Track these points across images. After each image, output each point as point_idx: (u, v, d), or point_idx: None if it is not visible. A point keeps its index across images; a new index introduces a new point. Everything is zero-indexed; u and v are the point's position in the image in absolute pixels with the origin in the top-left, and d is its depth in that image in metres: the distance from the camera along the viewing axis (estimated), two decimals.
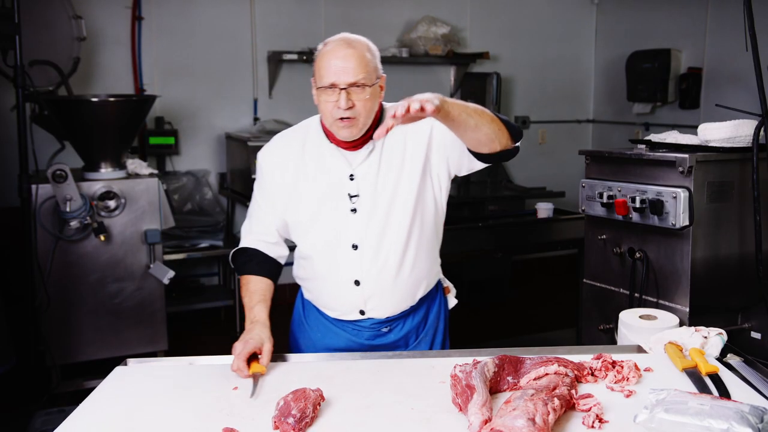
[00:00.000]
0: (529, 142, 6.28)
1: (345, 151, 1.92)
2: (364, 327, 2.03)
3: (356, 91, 1.78)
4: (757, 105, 2.42)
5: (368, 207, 1.91)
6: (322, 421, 1.50)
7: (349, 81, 1.77)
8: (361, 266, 1.94)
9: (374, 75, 1.82)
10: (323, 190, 1.93)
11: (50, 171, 3.46)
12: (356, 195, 1.91)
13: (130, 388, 1.70)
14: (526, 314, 5.20)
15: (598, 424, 1.44)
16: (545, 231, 4.25)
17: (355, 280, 1.95)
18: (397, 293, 1.98)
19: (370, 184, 1.91)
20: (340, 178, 1.92)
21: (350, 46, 1.80)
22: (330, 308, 2.05)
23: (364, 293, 1.96)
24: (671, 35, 5.50)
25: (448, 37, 5.60)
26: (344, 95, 1.77)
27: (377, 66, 1.85)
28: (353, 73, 1.77)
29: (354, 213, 1.92)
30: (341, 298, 2.00)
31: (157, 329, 3.88)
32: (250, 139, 4.66)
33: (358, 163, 1.92)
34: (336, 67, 1.77)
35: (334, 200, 1.92)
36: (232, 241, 4.96)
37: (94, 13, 4.65)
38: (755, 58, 2.43)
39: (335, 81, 1.77)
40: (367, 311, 1.99)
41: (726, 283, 2.46)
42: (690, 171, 2.31)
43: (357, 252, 1.93)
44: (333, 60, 1.78)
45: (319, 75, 1.81)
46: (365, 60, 1.80)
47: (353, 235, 1.92)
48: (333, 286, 1.99)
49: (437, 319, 2.13)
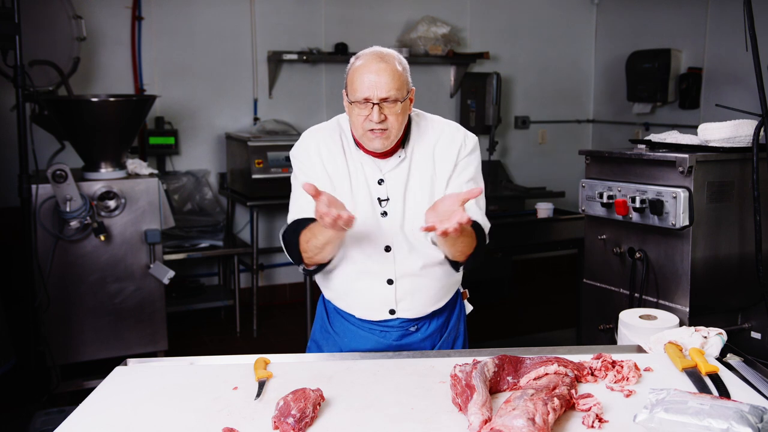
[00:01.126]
0: (529, 142, 6.29)
1: (375, 158, 1.96)
2: (392, 327, 2.04)
3: (388, 106, 1.82)
4: (757, 105, 2.42)
5: (398, 210, 1.95)
6: (322, 421, 1.50)
7: (381, 96, 1.81)
8: (394, 266, 1.97)
9: (405, 89, 1.86)
10: (356, 192, 1.96)
11: (50, 171, 3.47)
12: (386, 199, 1.95)
13: (130, 388, 1.69)
14: (526, 314, 5.20)
15: (598, 423, 1.44)
16: (545, 231, 4.24)
17: (388, 279, 1.98)
18: (429, 292, 2.01)
19: (400, 190, 1.95)
20: (371, 182, 1.96)
21: (383, 60, 1.84)
22: (360, 308, 2.04)
23: (397, 292, 1.99)
24: (671, 35, 5.50)
25: (448, 37, 5.60)
26: (377, 110, 1.81)
27: (408, 80, 1.88)
28: (386, 89, 1.81)
29: (384, 216, 1.95)
30: (373, 297, 2.01)
31: (157, 329, 3.88)
32: (250, 139, 4.66)
33: (389, 169, 1.96)
34: (369, 82, 1.81)
35: (366, 203, 1.95)
36: (232, 241, 4.96)
37: (94, 13, 4.65)
38: (755, 58, 2.43)
39: (369, 96, 1.81)
40: (398, 311, 2.01)
41: (726, 283, 2.46)
42: (690, 171, 2.31)
43: (390, 253, 1.96)
44: (366, 75, 1.82)
45: (352, 89, 1.85)
46: (397, 74, 1.83)
47: (386, 238, 1.95)
48: (365, 285, 2.00)
49: (458, 322, 2.15)
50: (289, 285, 5.49)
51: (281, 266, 5.46)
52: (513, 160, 6.21)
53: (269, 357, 1.84)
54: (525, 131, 6.26)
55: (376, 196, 1.95)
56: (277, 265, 5.45)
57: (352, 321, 2.07)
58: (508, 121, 6.15)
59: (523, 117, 6.22)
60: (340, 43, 5.30)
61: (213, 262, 5.26)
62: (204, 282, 5.19)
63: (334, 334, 2.11)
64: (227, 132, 5.05)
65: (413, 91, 1.92)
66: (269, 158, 4.63)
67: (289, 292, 5.49)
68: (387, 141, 1.87)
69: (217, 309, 5.04)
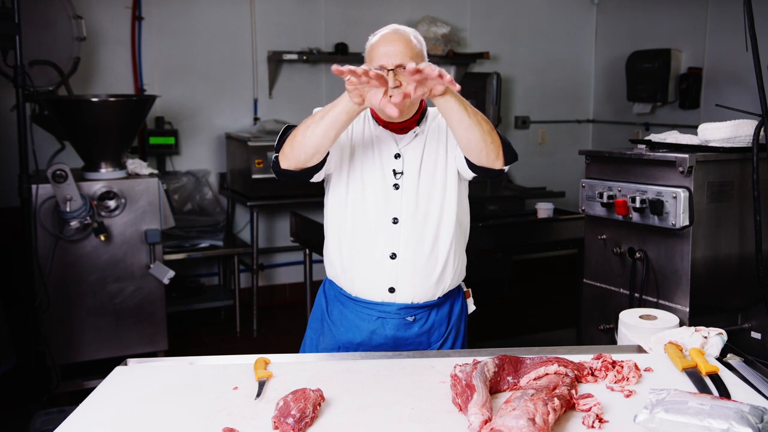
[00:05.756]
0: (529, 142, 6.28)
1: (393, 133, 2.03)
2: (389, 313, 2.05)
3: (403, 72, 1.86)
4: (757, 105, 2.42)
5: (411, 184, 2.01)
6: (322, 421, 1.50)
7: (396, 63, 1.89)
8: (399, 239, 2.01)
9: (420, 59, 1.94)
10: (369, 163, 2.03)
11: (50, 171, 3.47)
12: (401, 173, 2.02)
13: (130, 388, 1.69)
14: (526, 314, 5.20)
15: (598, 424, 1.44)
16: (545, 231, 4.24)
17: (392, 253, 2.01)
18: (428, 273, 2.03)
19: (414, 164, 2.02)
20: (387, 154, 2.03)
21: (397, 32, 1.96)
22: (360, 285, 2.06)
23: (399, 268, 2.01)
24: (671, 35, 5.50)
25: (448, 37, 5.60)
26: (391, 75, 1.87)
27: (423, 53, 1.98)
28: (400, 56, 1.90)
29: (396, 189, 2.01)
30: (375, 272, 2.03)
31: (157, 329, 3.89)
32: (250, 139, 4.66)
33: (405, 144, 2.03)
34: (385, 52, 1.92)
35: (379, 176, 2.02)
36: (232, 241, 4.96)
37: (94, 13, 4.65)
38: (755, 58, 2.43)
39: (384, 63, 1.90)
40: (398, 290, 2.03)
41: (726, 283, 2.46)
42: (690, 171, 2.31)
43: (397, 226, 2.01)
44: (382, 46, 1.93)
45: (368, 59, 1.96)
46: (411, 44, 1.94)
47: (394, 210, 2.01)
48: (369, 258, 2.03)
49: (459, 320, 2.16)
50: (289, 285, 5.49)
51: (281, 266, 5.46)
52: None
53: (269, 357, 1.84)
54: (525, 131, 6.26)
55: (391, 168, 2.02)
56: (277, 265, 5.45)
57: (349, 307, 2.09)
58: (508, 121, 6.15)
59: (523, 117, 6.22)
60: (340, 43, 5.30)
61: (213, 262, 5.26)
62: (204, 282, 5.19)
63: (330, 323, 2.13)
64: (227, 132, 5.05)
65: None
66: (269, 158, 4.62)
67: (289, 292, 5.48)
68: (402, 107, 1.89)
69: (217, 309, 5.04)
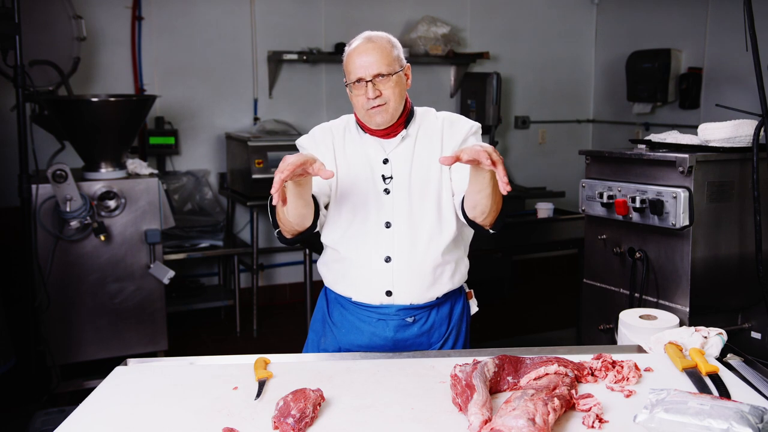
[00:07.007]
0: (529, 142, 6.29)
1: (380, 138, 2.04)
2: (389, 315, 2.04)
3: (382, 81, 1.94)
4: (757, 105, 2.42)
5: (402, 188, 2.02)
6: (322, 421, 1.50)
7: (373, 73, 1.92)
8: (392, 243, 2.01)
9: (397, 64, 1.96)
10: (358, 171, 2.04)
11: (50, 171, 3.47)
12: (390, 177, 2.03)
13: (130, 388, 1.69)
14: (526, 314, 5.20)
15: (598, 424, 1.44)
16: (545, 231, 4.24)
17: (386, 257, 2.01)
18: (424, 275, 2.02)
19: (404, 168, 2.03)
20: (375, 161, 2.04)
21: (370, 41, 1.96)
22: (358, 290, 2.06)
23: (394, 271, 2.01)
24: (671, 35, 5.50)
25: (448, 37, 5.60)
26: (371, 86, 1.92)
27: (399, 56, 1.99)
28: (376, 66, 1.92)
29: (387, 194, 2.02)
30: (371, 276, 2.03)
31: (157, 329, 3.88)
32: (250, 139, 4.66)
33: (392, 148, 2.04)
34: (360, 63, 1.93)
35: (369, 181, 2.03)
36: (232, 241, 4.96)
37: (94, 13, 4.66)
38: (755, 58, 2.43)
39: (361, 75, 1.93)
40: (395, 293, 2.02)
41: (726, 283, 2.46)
42: (690, 171, 2.31)
43: (390, 230, 2.02)
44: (356, 57, 1.94)
45: (347, 72, 1.98)
46: (386, 51, 1.95)
47: (386, 214, 2.02)
48: (364, 263, 2.03)
49: (461, 320, 2.15)
50: (289, 285, 5.50)
51: (281, 266, 5.46)
52: (513, 160, 6.21)
53: (269, 357, 1.84)
54: (525, 131, 6.26)
55: (380, 174, 2.02)
56: (277, 265, 5.46)
57: (350, 309, 2.09)
58: (508, 121, 6.15)
59: (523, 117, 6.22)
60: (340, 43, 5.30)
61: (213, 262, 5.26)
62: (204, 282, 5.19)
63: (332, 325, 2.13)
64: (227, 132, 5.05)
65: (408, 67, 2.02)
66: (269, 158, 4.63)
67: (289, 292, 5.49)
68: (387, 114, 1.96)
69: (217, 309, 5.04)
